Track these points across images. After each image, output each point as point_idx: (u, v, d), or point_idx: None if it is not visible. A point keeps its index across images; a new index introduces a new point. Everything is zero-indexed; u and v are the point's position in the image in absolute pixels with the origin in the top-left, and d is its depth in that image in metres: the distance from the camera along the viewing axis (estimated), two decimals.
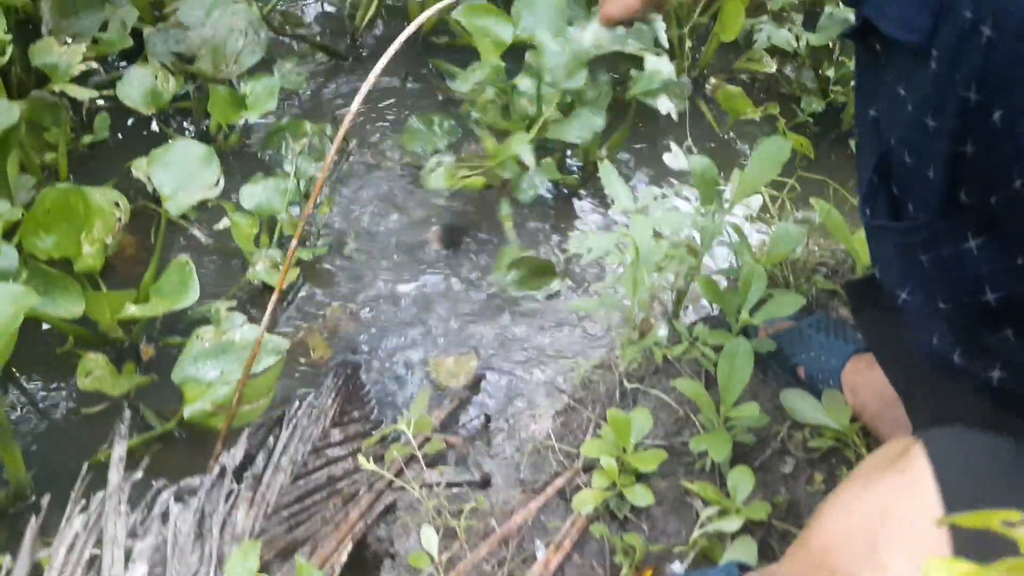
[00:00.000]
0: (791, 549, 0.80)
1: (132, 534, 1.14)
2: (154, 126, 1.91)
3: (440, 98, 2.06)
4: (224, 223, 1.70)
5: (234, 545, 1.13)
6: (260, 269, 1.62)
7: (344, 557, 1.14)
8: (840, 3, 2.01)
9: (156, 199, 1.65)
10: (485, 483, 1.24)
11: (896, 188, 0.77)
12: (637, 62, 1.72)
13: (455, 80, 1.76)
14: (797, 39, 2.06)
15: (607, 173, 1.24)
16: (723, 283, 1.42)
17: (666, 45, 1.55)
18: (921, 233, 0.74)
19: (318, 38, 2.16)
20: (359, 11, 2.14)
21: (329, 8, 2.25)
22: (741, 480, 1.17)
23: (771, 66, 2.03)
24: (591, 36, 1.36)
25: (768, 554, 1.15)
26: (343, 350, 1.57)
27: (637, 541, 1.13)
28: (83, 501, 1.20)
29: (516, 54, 1.75)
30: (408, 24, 2.18)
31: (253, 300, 1.64)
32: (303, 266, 1.69)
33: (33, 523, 1.19)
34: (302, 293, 1.67)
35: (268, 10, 2.03)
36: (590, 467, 1.22)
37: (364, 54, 2.15)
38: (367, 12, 2.13)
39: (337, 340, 1.61)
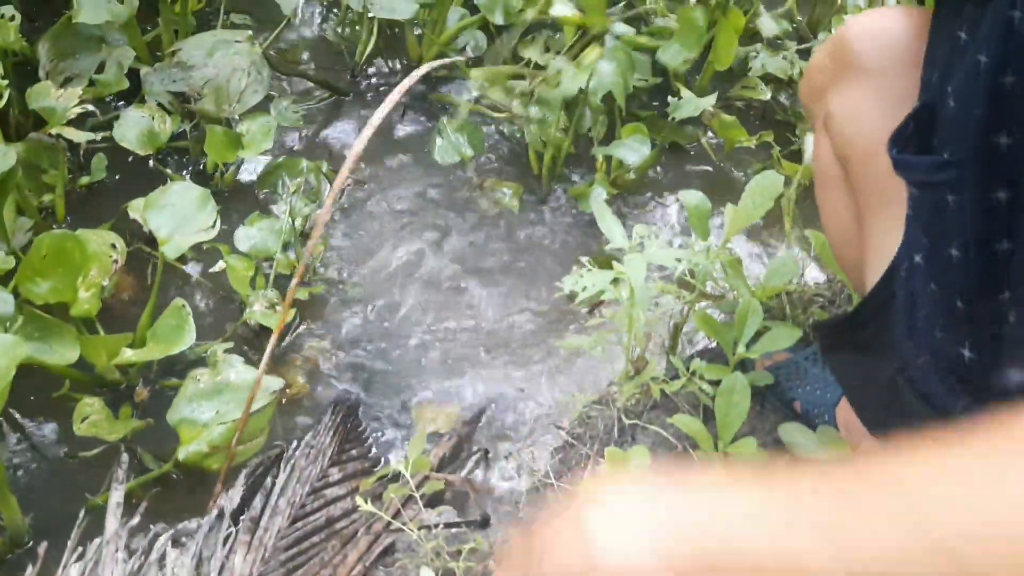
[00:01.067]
0: None
1: None
2: (151, 165, 1.92)
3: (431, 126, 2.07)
4: (220, 265, 1.70)
5: None
6: (257, 310, 1.62)
7: None
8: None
9: (152, 241, 1.66)
10: (484, 523, 1.23)
11: (935, 137, 0.75)
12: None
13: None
14: (792, 66, 2.07)
15: (600, 210, 1.24)
16: (720, 316, 1.42)
17: None
18: (951, 171, 0.72)
19: (317, 74, 2.17)
20: (358, 46, 2.15)
21: (326, 43, 2.27)
22: None
23: (765, 94, 2.04)
24: None
25: None
26: (341, 385, 1.57)
27: None
28: (79, 548, 1.19)
29: None
30: (405, 59, 2.23)
31: (250, 341, 1.65)
32: (300, 305, 1.69)
33: (30, 572, 1.18)
34: (300, 331, 1.67)
35: (265, 47, 2.04)
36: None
37: (364, 88, 2.17)
38: (366, 47, 2.14)
39: (321, 376, 1.61)
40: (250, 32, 1.92)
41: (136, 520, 1.24)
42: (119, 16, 1.78)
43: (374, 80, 2.19)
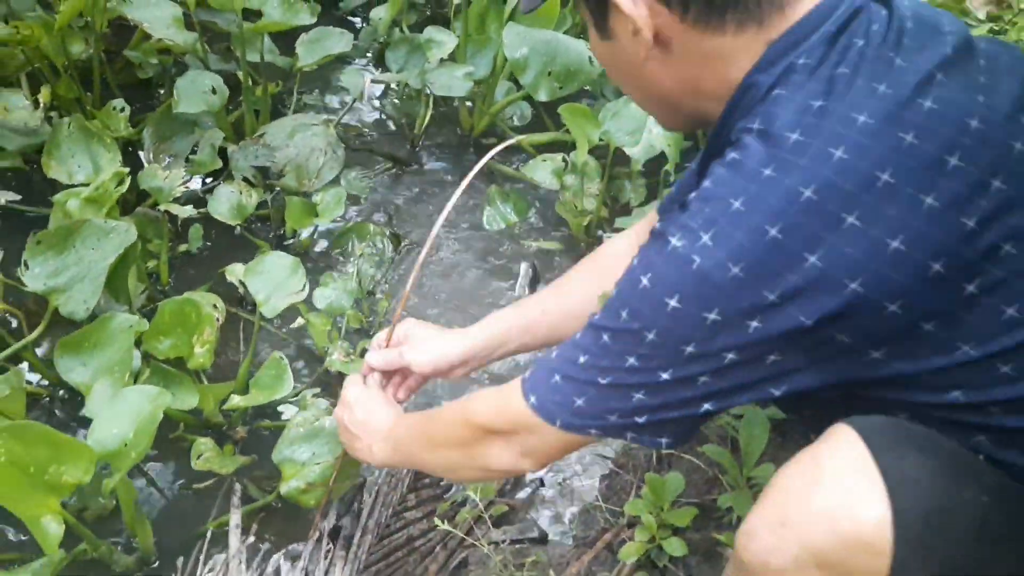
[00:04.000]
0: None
1: None
2: (237, 232, 2.18)
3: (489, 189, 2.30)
4: (299, 321, 1.94)
5: None
6: (336, 359, 1.85)
7: None
8: None
9: (240, 301, 1.92)
10: (543, 539, 1.45)
11: None
12: None
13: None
14: None
15: None
16: None
17: None
18: None
19: (379, 146, 2.43)
20: (416, 120, 2.41)
21: (386, 118, 2.53)
22: None
23: None
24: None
25: None
26: None
27: None
28: (209, 562, 1.42)
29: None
30: (459, 129, 2.48)
31: (329, 386, 1.88)
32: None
33: None
34: None
35: (335, 124, 2.30)
36: (633, 523, 1.42)
37: (422, 158, 2.42)
38: (423, 122, 2.40)
39: None
40: (326, 116, 2.19)
41: (251, 540, 1.47)
42: (213, 106, 2.05)
43: (431, 150, 2.45)
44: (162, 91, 2.41)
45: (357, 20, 2.85)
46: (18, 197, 2.00)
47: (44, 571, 1.42)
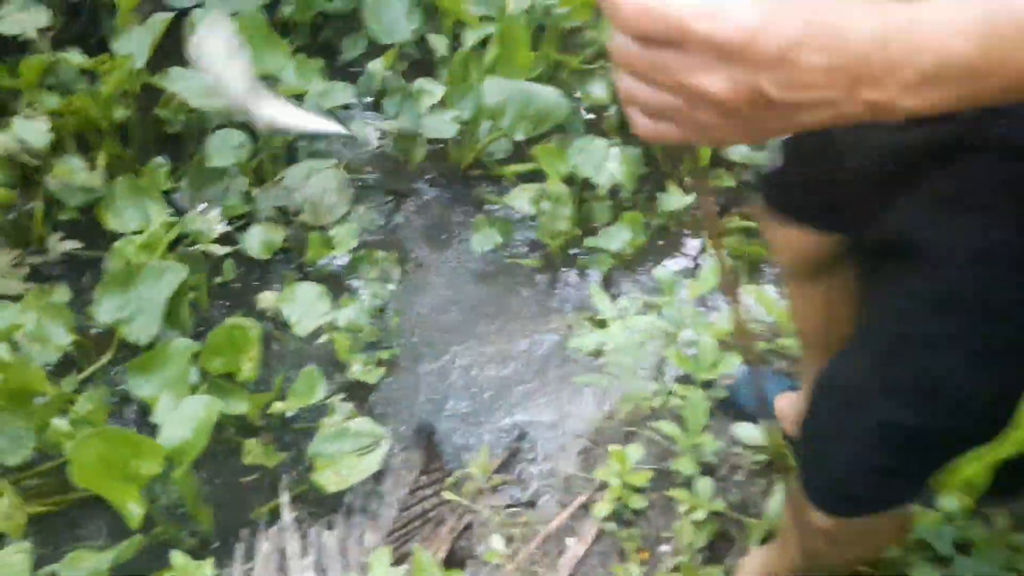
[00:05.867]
0: None
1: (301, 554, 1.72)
2: (264, 264, 2.53)
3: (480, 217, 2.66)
4: (324, 337, 2.29)
5: (367, 555, 1.70)
6: (357, 370, 2.20)
7: (440, 557, 1.70)
8: None
9: (273, 321, 2.28)
10: (532, 504, 1.80)
11: None
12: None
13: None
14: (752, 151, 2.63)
15: (593, 290, 1.83)
16: (691, 352, 1.98)
17: None
18: None
19: (381, 181, 2.79)
20: (412, 158, 2.76)
21: (385, 156, 2.88)
22: (707, 487, 1.73)
23: (731, 180, 2.59)
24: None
25: (727, 536, 1.70)
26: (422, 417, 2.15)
27: (636, 533, 1.69)
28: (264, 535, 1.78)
29: None
30: (447, 163, 2.82)
31: (352, 392, 2.22)
32: (385, 364, 2.27)
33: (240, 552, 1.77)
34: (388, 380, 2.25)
35: (343, 166, 2.66)
36: (603, 486, 1.78)
37: (420, 190, 2.77)
38: (417, 157, 2.75)
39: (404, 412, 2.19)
40: (335, 160, 2.55)
41: (294, 515, 1.82)
42: (241, 158, 2.42)
43: (427, 182, 2.80)
44: (189, 143, 2.77)
45: (355, 69, 3.20)
46: (80, 245, 2.36)
47: (129, 549, 1.78)
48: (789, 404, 1.75)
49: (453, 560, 1.74)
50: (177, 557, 1.63)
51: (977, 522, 1.60)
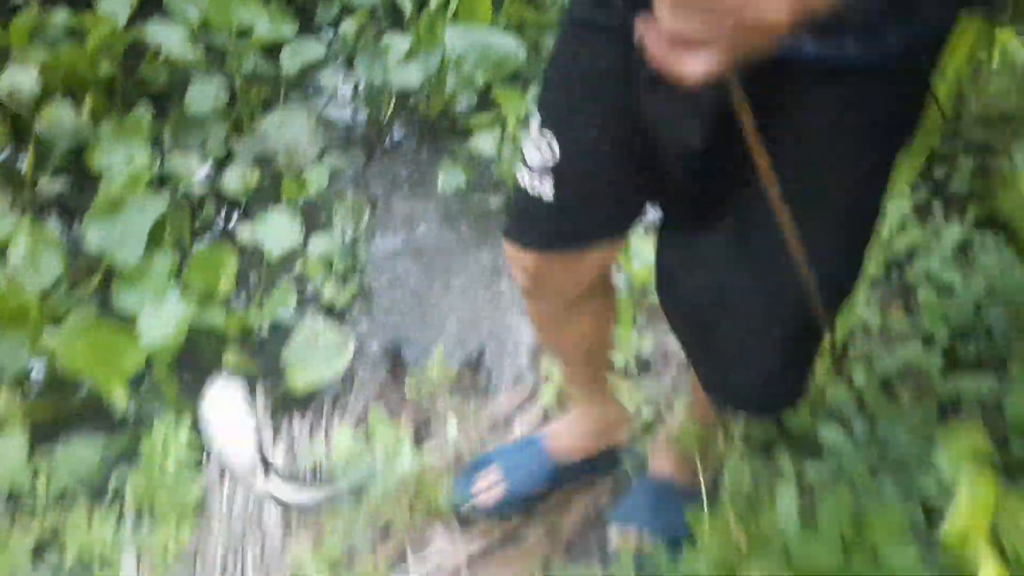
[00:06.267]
0: None
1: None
2: (242, 206, 2.70)
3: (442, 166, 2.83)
4: (298, 267, 2.46)
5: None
6: (328, 294, 2.38)
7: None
8: None
9: (251, 256, 2.45)
10: (486, 396, 1.97)
11: None
12: None
13: None
14: None
15: None
16: (636, 264, 2.15)
17: None
18: None
19: (354, 131, 2.97)
20: (383, 110, 2.94)
21: (357, 108, 3.05)
22: (635, 376, 1.90)
23: None
24: None
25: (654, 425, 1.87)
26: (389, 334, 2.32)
27: None
28: None
29: None
30: (416, 115, 3.00)
31: (324, 315, 2.40)
32: (354, 292, 2.45)
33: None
34: (356, 306, 2.43)
35: (317, 116, 2.83)
36: (547, 378, 1.95)
37: (389, 140, 2.94)
38: (388, 111, 2.93)
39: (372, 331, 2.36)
40: (307, 110, 2.72)
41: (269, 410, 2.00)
42: (218, 106, 2.59)
43: (395, 132, 2.97)
44: (172, 98, 2.93)
45: (330, 32, 3.38)
46: (69, 186, 2.54)
47: (120, 441, 1.94)
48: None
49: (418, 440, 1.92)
50: (158, 424, 1.80)
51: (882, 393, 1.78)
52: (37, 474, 1.81)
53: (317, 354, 2.09)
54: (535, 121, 1.11)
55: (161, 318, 1.93)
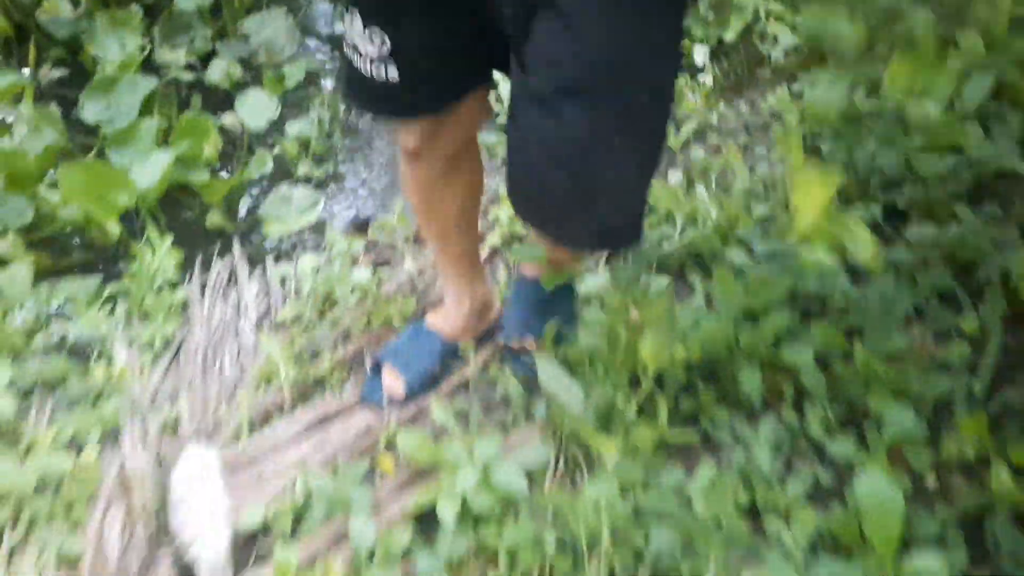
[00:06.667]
0: None
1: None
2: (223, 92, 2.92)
3: None
4: (278, 149, 2.70)
5: None
6: (303, 170, 2.61)
7: None
8: None
9: (234, 140, 2.68)
10: None
11: None
12: None
13: None
14: None
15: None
16: None
17: None
18: None
19: (332, 31, 3.20)
20: None
21: (335, 10, 3.28)
22: None
23: None
24: None
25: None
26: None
27: None
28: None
29: None
30: None
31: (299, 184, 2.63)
32: (328, 171, 2.69)
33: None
34: (329, 184, 2.67)
35: (297, 17, 3.07)
36: (496, 222, 2.19)
37: None
38: None
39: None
40: (285, 9, 2.96)
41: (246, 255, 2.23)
42: (204, 3, 2.83)
43: None
44: (162, 6, 3.16)
45: None
46: (67, 72, 2.78)
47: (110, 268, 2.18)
48: None
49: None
50: (144, 248, 2.04)
51: None
52: (42, 297, 2.05)
53: (290, 209, 2.33)
54: (355, 19, 1.20)
55: (149, 167, 2.17)
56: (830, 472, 1.51)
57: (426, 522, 1.49)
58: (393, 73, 1.22)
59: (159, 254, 2.02)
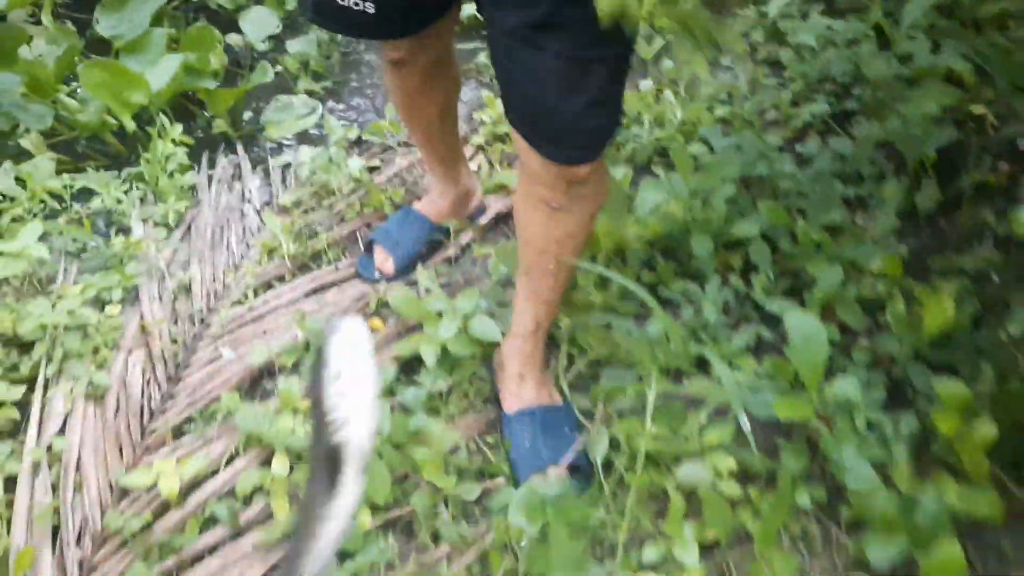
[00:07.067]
0: None
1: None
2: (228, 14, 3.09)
3: None
4: (279, 67, 2.86)
5: None
6: (304, 86, 2.79)
7: None
8: None
9: (239, 60, 2.85)
10: None
11: None
12: None
13: None
14: None
15: None
16: None
17: None
18: None
19: None
20: None
21: None
22: None
23: None
24: None
25: None
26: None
27: (499, 149, 2.29)
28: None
29: None
30: None
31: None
32: (325, 88, 2.86)
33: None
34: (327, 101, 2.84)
35: None
36: (481, 124, 2.37)
37: None
38: None
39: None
40: None
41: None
42: None
43: None
44: None
45: None
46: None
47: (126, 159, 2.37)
48: None
49: None
50: (158, 141, 2.23)
51: None
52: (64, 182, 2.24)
53: (291, 114, 2.51)
54: None
55: (161, 70, 2.34)
56: (772, 331, 1.71)
57: (410, 367, 1.70)
58: (370, 7, 1.37)
59: (170, 138, 2.21)
